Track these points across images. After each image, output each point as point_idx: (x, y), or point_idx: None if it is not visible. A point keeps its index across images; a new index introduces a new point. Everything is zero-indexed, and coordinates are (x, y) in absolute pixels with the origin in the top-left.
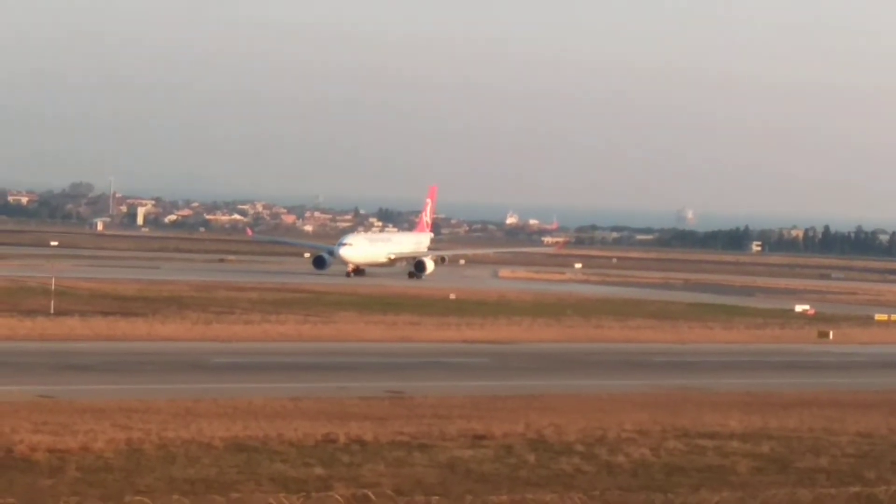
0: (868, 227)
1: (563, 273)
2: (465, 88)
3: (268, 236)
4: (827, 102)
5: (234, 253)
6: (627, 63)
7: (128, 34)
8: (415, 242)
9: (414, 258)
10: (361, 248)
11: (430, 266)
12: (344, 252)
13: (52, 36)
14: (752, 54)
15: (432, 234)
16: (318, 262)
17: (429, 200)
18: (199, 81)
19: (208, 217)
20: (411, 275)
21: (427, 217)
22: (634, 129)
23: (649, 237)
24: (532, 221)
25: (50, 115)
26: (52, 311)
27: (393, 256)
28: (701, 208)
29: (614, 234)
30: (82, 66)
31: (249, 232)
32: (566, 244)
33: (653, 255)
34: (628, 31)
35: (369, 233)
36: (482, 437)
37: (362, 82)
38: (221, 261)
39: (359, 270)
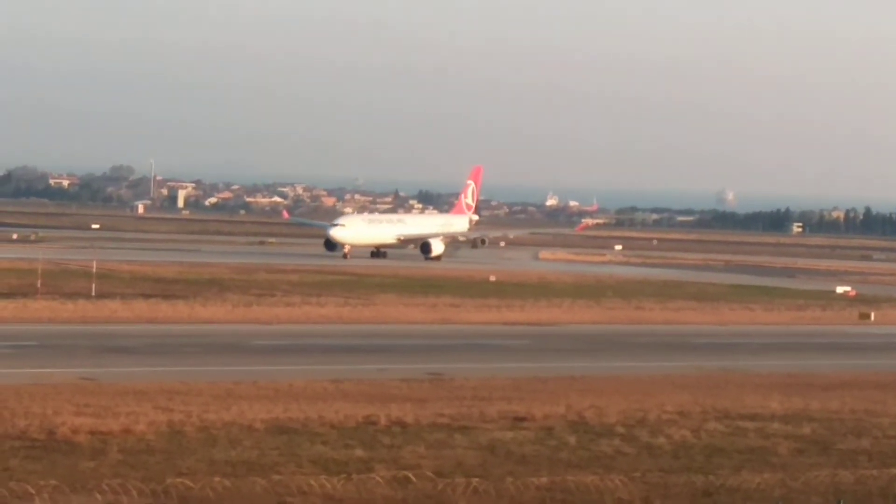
0: None
1: (604, 255)
2: (505, 75)
3: (299, 218)
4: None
5: (275, 235)
6: (669, 47)
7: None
8: (441, 224)
9: (423, 240)
10: (356, 229)
11: (436, 247)
12: (334, 233)
13: (94, 25)
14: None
15: (476, 216)
16: (328, 244)
17: (471, 181)
18: (233, 69)
19: (248, 199)
20: (425, 257)
21: (468, 198)
22: (674, 111)
23: (690, 219)
24: (572, 203)
25: (91, 98)
26: (93, 294)
27: (403, 237)
28: (741, 190)
29: (654, 216)
30: (127, 50)
31: (286, 214)
32: (587, 227)
33: (693, 236)
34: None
35: (375, 213)
36: (523, 419)
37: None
38: (261, 243)
39: (378, 252)
